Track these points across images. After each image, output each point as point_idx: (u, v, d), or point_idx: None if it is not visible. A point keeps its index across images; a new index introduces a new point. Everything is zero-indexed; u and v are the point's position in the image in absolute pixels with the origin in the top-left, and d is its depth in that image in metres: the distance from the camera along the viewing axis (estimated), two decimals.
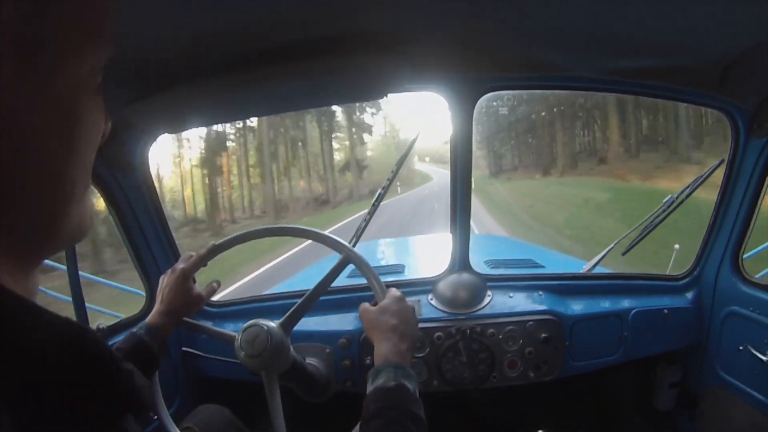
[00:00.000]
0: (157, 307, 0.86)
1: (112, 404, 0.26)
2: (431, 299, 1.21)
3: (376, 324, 0.72)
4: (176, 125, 1.06)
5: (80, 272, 1.01)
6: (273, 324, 0.83)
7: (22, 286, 0.25)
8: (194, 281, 0.97)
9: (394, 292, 0.78)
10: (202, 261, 0.90)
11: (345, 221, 11.17)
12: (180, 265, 0.88)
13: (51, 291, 2.57)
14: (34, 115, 0.24)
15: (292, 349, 0.86)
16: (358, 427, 0.60)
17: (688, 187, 1.20)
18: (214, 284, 0.97)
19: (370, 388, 0.63)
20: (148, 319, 0.84)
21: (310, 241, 0.93)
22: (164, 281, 0.88)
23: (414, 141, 1.31)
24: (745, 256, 1.16)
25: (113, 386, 0.26)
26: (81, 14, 0.25)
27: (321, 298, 1.28)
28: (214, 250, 0.89)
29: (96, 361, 0.25)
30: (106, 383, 0.26)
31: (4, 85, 0.22)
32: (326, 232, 0.92)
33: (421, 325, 1.14)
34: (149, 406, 0.30)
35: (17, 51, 0.22)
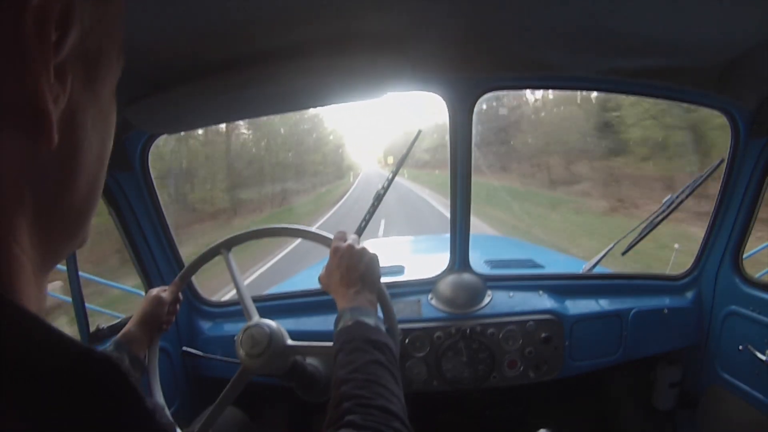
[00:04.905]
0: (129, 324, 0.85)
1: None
2: (431, 299, 1.21)
3: (329, 290, 0.75)
4: (176, 125, 1.06)
5: (80, 272, 1.01)
6: (273, 324, 0.83)
7: (38, 290, 0.25)
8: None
9: (335, 242, 0.78)
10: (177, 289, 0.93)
11: None
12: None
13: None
14: (90, 124, 0.25)
15: None
16: None
17: (687, 187, 1.19)
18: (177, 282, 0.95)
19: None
20: (118, 335, 0.82)
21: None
22: None
23: (415, 139, 1.30)
24: (745, 256, 1.16)
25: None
26: (118, 26, 0.27)
27: (321, 298, 1.28)
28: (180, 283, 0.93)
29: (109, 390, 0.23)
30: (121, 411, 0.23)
31: (74, 98, 0.23)
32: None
33: (420, 325, 1.14)
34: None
35: (84, 65, 0.24)
